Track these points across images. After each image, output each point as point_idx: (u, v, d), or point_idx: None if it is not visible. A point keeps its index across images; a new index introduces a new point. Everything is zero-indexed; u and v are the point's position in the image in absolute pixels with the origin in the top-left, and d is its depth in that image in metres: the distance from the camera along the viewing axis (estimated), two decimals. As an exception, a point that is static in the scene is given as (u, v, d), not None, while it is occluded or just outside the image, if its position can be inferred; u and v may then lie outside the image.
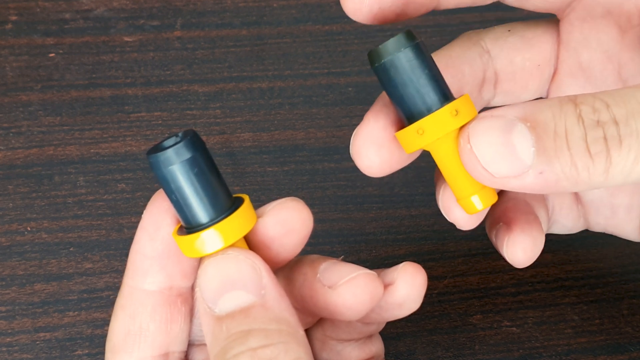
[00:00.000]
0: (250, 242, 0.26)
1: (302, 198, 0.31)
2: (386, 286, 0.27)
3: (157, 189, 0.26)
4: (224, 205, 0.24)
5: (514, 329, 0.36)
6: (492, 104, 0.32)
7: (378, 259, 0.38)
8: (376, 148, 0.28)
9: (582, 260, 0.38)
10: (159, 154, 0.24)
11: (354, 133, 0.28)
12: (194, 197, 0.24)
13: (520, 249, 0.30)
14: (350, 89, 0.43)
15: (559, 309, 0.37)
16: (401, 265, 0.27)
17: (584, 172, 0.24)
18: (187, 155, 0.24)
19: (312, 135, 0.41)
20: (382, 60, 0.26)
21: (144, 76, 0.43)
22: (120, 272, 0.37)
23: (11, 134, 0.41)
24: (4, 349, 0.35)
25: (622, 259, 0.38)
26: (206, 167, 0.24)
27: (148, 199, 0.39)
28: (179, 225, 0.25)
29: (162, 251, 0.26)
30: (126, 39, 0.44)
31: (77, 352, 0.35)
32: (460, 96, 0.26)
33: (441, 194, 0.29)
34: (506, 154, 0.25)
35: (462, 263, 0.38)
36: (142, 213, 0.39)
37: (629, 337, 0.36)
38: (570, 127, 0.24)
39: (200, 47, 0.44)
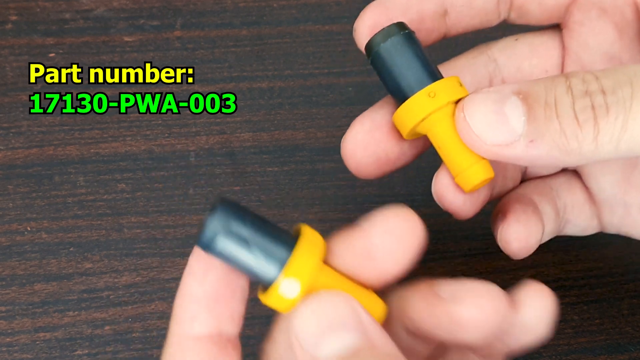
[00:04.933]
0: (348, 261, 0.25)
1: (302, 198, 0.31)
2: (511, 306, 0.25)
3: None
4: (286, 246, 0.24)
5: (514, 329, 0.36)
6: None
7: (378, 259, 0.38)
8: (362, 150, 0.29)
9: (582, 260, 0.38)
10: None
11: (342, 138, 0.30)
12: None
13: (514, 237, 0.31)
14: (350, 89, 0.43)
15: (559, 309, 0.37)
16: (525, 284, 0.26)
17: (573, 141, 0.25)
18: None
19: (312, 135, 0.41)
20: (377, 49, 0.28)
21: (144, 76, 0.43)
22: (120, 272, 0.37)
23: (11, 134, 0.41)
24: (4, 349, 0.35)
25: (622, 259, 0.38)
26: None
27: (148, 199, 0.39)
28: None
29: (211, 294, 0.24)
30: (126, 39, 0.44)
31: (77, 352, 0.35)
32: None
33: (434, 181, 0.29)
34: (497, 122, 0.25)
35: (462, 263, 0.38)
36: (142, 213, 0.39)
37: (629, 337, 0.36)
38: (559, 97, 0.25)
39: (200, 47, 0.44)
